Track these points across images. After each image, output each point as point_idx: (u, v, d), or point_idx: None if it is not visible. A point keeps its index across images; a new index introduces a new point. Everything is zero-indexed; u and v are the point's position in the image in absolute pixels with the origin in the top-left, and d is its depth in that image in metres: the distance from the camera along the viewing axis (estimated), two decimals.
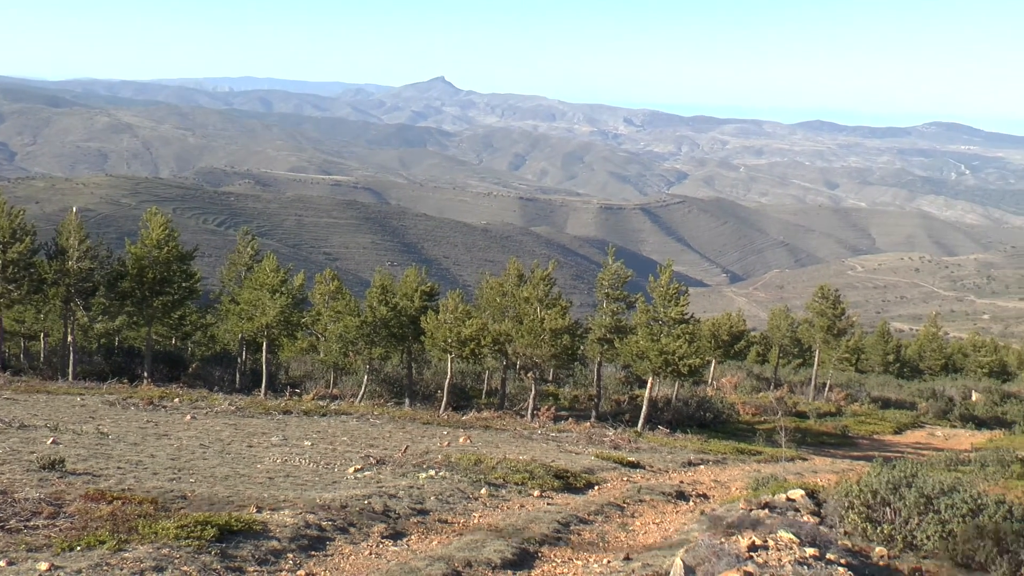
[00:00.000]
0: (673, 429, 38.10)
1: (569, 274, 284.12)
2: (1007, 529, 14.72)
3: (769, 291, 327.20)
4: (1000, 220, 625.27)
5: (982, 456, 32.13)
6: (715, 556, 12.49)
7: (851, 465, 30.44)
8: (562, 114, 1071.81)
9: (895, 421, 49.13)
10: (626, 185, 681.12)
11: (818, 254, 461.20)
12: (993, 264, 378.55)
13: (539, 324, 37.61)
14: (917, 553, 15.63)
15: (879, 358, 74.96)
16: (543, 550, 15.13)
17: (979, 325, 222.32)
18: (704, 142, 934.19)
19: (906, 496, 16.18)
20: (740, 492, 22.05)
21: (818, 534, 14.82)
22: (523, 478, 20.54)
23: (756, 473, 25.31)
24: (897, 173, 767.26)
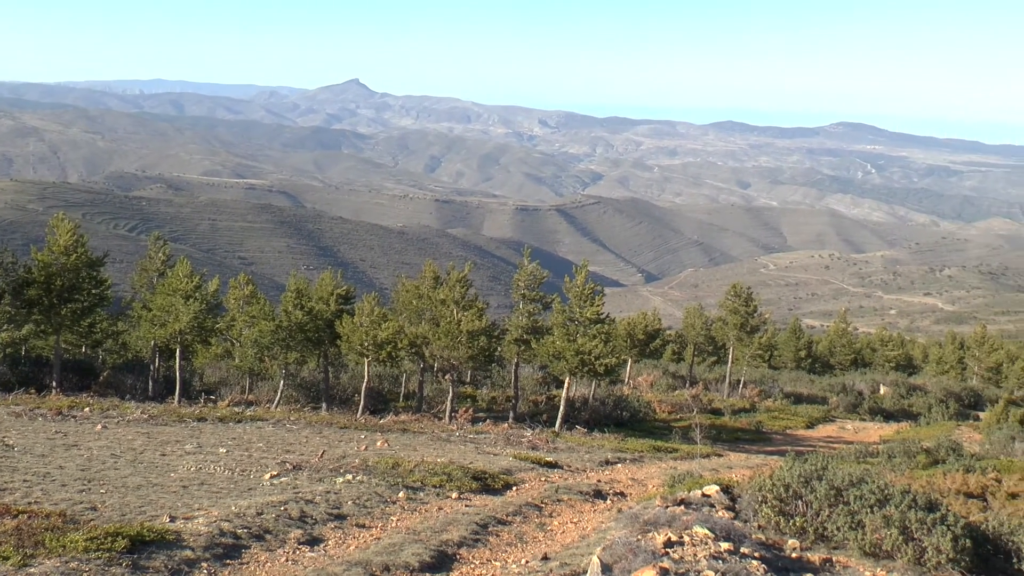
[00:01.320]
0: (591, 428, 38.27)
1: (486, 275, 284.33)
2: (912, 518, 15.04)
3: (684, 290, 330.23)
4: (905, 217, 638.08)
5: (889, 448, 32.76)
6: (631, 553, 12.59)
7: (765, 460, 30.84)
8: (477, 116, 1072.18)
9: (807, 416, 49.88)
10: (542, 186, 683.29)
11: (732, 253, 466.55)
12: (899, 260, 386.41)
13: (456, 326, 37.59)
14: (828, 544, 15.90)
15: (791, 354, 76.02)
16: (461, 552, 15.14)
17: (886, 320, 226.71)
18: (618, 143, 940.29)
19: (817, 489, 16.44)
20: (657, 489, 22.22)
21: (733, 529, 15.00)
22: (441, 480, 20.52)
23: (672, 470, 25.52)
24: (807, 172, 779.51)
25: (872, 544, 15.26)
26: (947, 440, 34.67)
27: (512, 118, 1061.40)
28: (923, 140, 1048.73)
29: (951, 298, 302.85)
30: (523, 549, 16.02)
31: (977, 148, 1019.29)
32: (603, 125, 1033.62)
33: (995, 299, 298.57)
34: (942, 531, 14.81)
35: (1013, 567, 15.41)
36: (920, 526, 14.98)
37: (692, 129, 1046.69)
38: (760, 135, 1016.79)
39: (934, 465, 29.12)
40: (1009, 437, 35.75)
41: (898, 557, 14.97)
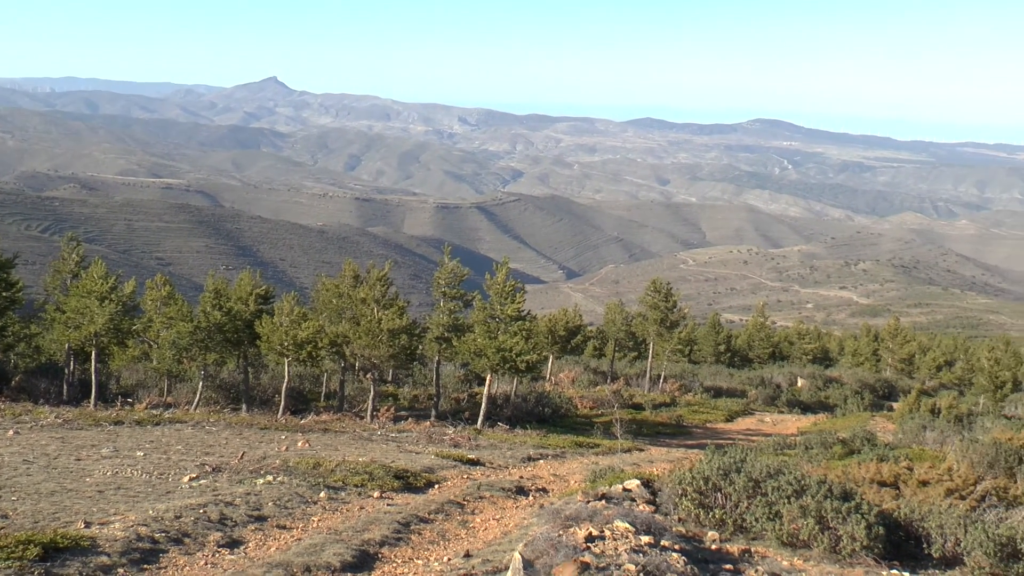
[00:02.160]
0: (513, 425, 38.37)
1: (407, 274, 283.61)
2: (828, 507, 15.31)
3: (605, 286, 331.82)
4: (821, 212, 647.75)
5: (806, 439, 33.29)
6: (553, 549, 12.65)
7: (685, 454, 31.10)
8: (397, 114, 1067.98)
9: (727, 409, 50.44)
10: (462, 184, 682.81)
11: (652, 249, 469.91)
12: (815, 255, 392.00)
13: (376, 325, 37.47)
14: (747, 535, 16.12)
15: (711, 348, 76.81)
16: (383, 551, 15.12)
17: (803, 314, 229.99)
18: (538, 140, 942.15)
19: (736, 481, 16.66)
20: (579, 485, 22.35)
21: (653, 522, 15.13)
22: (363, 480, 20.46)
23: (594, 465, 25.67)
24: (725, 169, 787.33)
25: (789, 534, 15.51)
26: (862, 431, 35.32)
27: (432, 116, 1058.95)
28: (838, 137, 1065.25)
29: (866, 291, 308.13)
30: (445, 547, 16.04)
31: (889, 144, 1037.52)
32: (523, 123, 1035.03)
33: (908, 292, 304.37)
34: (856, 519, 15.09)
35: (924, 552, 15.74)
36: (835, 515, 15.26)
37: (611, 126, 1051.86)
38: (679, 132, 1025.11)
39: (850, 455, 29.63)
40: (921, 426, 36.47)
41: (814, 546, 15.23)
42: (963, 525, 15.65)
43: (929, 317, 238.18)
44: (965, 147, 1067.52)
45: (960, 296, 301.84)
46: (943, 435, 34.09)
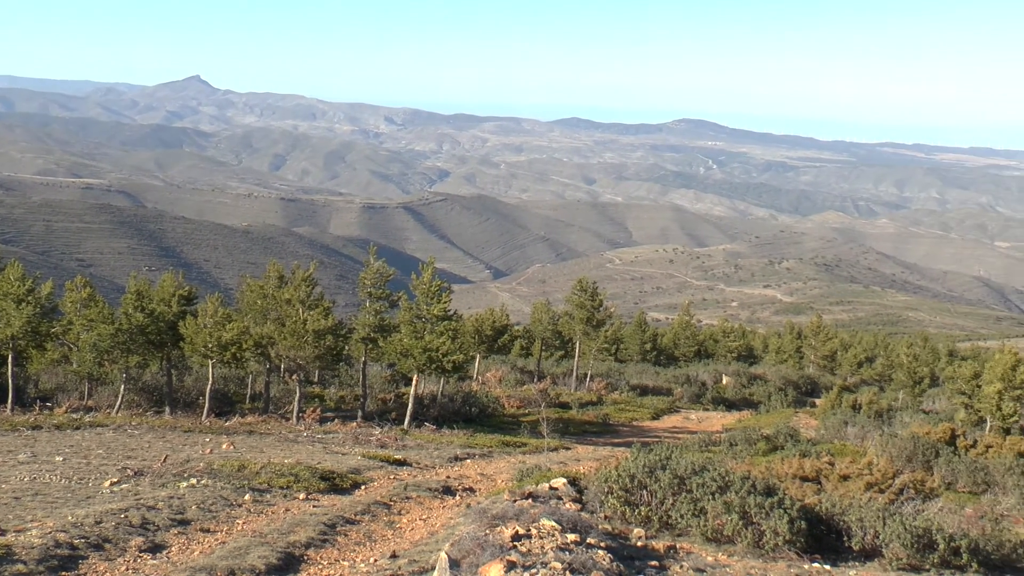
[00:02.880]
0: (440, 425, 38.33)
1: (333, 274, 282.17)
2: (751, 503, 15.48)
3: (532, 285, 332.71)
4: (745, 211, 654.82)
5: (731, 436, 33.67)
6: (479, 548, 12.66)
7: (612, 452, 31.28)
8: (322, 113, 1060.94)
9: (653, 407, 50.75)
10: (389, 184, 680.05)
11: (578, 248, 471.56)
12: (740, 254, 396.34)
13: (302, 326, 37.22)
14: (672, 531, 16.26)
15: (637, 347, 77.25)
16: (309, 553, 15.05)
17: (728, 312, 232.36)
18: (465, 140, 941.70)
19: (661, 478, 16.79)
20: (506, 484, 22.39)
21: (579, 520, 15.20)
22: (288, 481, 20.34)
23: (521, 464, 25.74)
24: (650, 168, 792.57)
25: (714, 530, 15.66)
26: (785, 427, 35.78)
27: (358, 115, 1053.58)
28: (761, 137, 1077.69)
29: (789, 289, 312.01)
30: (372, 548, 16.00)
31: (812, 144, 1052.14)
32: (449, 122, 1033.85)
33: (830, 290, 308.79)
34: (779, 514, 15.28)
35: (844, 545, 15.99)
36: (759, 510, 15.43)
37: (538, 126, 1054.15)
38: (605, 132, 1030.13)
39: (773, 451, 30.01)
40: (842, 422, 37.03)
41: (738, 541, 15.40)
42: (882, 518, 15.91)
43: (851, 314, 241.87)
44: (884, 147, 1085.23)
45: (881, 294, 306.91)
46: (864, 430, 34.66)
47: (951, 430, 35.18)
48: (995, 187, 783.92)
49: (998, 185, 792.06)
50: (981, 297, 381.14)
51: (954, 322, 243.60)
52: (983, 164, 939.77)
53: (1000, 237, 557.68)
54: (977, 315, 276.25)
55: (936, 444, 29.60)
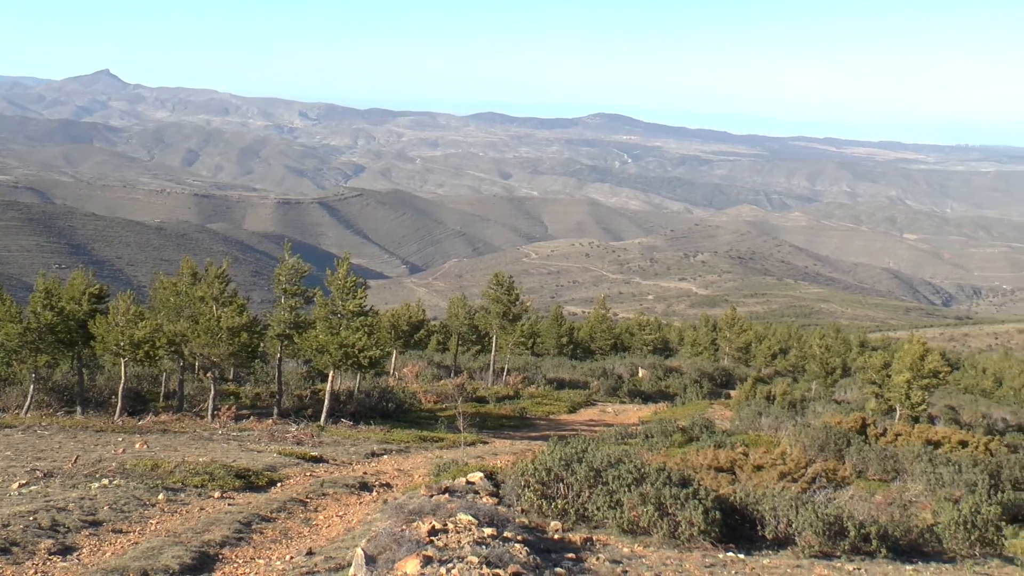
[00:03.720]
0: (356, 421, 38.15)
1: (248, 271, 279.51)
2: (667, 494, 15.63)
3: (448, 280, 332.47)
4: (660, 205, 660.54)
5: (647, 428, 33.92)
6: (396, 543, 12.64)
7: (529, 445, 31.40)
8: (236, 108, 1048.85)
9: (570, 401, 50.94)
10: (304, 179, 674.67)
11: (495, 243, 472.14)
12: (655, 247, 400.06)
13: (216, 323, 36.81)
14: (589, 524, 16.36)
15: (553, 341, 77.52)
16: (224, 552, 14.91)
17: (644, 305, 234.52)
18: (380, 135, 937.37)
19: (577, 471, 16.88)
20: (423, 479, 22.38)
21: (496, 514, 15.23)
22: (203, 480, 20.12)
23: (438, 459, 25.73)
24: (566, 163, 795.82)
25: (630, 521, 15.78)
26: (701, 418, 36.15)
27: (272, 110, 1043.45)
28: (676, 131, 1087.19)
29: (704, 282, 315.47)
30: (288, 545, 15.91)
31: (725, 138, 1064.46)
32: (364, 117, 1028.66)
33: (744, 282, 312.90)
34: (694, 505, 15.45)
35: (758, 533, 16.21)
36: (674, 501, 15.59)
37: (453, 120, 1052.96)
38: (520, 126, 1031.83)
39: (689, 443, 30.30)
40: (757, 413, 37.50)
41: (654, 532, 15.54)
42: (794, 507, 16.16)
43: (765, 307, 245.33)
44: (797, 141, 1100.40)
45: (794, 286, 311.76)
46: (777, 421, 35.12)
47: (862, 419, 35.81)
48: (904, 180, 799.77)
49: (907, 178, 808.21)
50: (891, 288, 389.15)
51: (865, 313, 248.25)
52: (892, 158, 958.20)
53: (909, 229, 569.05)
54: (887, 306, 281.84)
55: (847, 433, 30.11)
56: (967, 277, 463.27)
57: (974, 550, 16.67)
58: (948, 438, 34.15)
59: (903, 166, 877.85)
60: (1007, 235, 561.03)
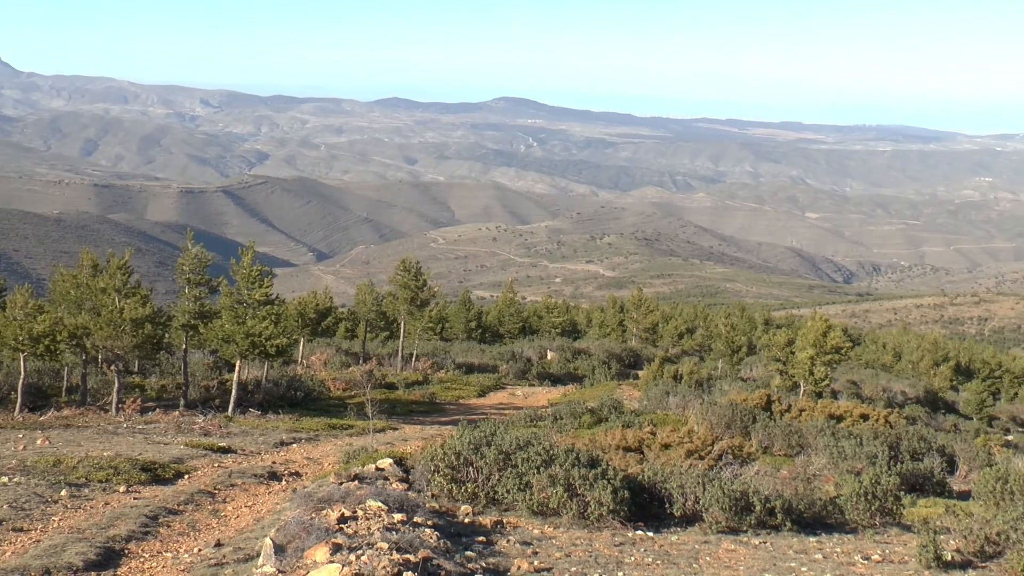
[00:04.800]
0: (265, 411, 37.85)
1: (152, 261, 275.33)
2: (575, 475, 15.76)
3: (356, 267, 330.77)
4: (566, 188, 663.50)
5: (556, 410, 34.13)
6: (305, 532, 12.60)
7: (439, 430, 31.42)
8: (135, 96, 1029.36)
9: (479, 385, 51.02)
10: (207, 167, 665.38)
11: (402, 228, 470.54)
12: (562, 230, 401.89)
13: (118, 315, 36.22)
14: (500, 507, 16.44)
15: (462, 325, 77.51)
16: (130, 546, 14.71)
17: (552, 288, 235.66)
18: (284, 122, 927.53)
19: (487, 455, 16.95)
20: (332, 467, 22.30)
21: (406, 499, 15.25)
22: (107, 475, 19.80)
23: (348, 447, 25.64)
24: (472, 147, 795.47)
25: (540, 503, 15.89)
26: (609, 399, 36.42)
27: (172, 98, 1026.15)
28: (580, 114, 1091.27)
29: (611, 264, 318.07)
30: (196, 537, 15.76)
31: (630, 121, 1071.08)
32: (267, 104, 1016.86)
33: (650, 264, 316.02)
34: (603, 485, 15.59)
35: (667, 512, 16.42)
36: (583, 482, 15.72)
37: (358, 106, 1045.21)
38: (425, 111, 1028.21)
39: (598, 424, 30.53)
40: (664, 392, 37.90)
41: (564, 513, 15.66)
42: (702, 484, 16.41)
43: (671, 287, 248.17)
44: (700, 123, 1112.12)
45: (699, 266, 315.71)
46: (685, 399, 35.51)
47: (767, 396, 36.42)
48: (805, 160, 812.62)
49: (807, 159, 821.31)
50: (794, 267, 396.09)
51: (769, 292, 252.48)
52: (793, 138, 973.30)
53: (810, 209, 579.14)
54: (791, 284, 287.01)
55: (753, 410, 30.57)
56: (867, 254, 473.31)
57: (875, 520, 17.07)
58: (850, 412, 34.91)
59: (804, 146, 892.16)
60: (903, 213, 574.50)
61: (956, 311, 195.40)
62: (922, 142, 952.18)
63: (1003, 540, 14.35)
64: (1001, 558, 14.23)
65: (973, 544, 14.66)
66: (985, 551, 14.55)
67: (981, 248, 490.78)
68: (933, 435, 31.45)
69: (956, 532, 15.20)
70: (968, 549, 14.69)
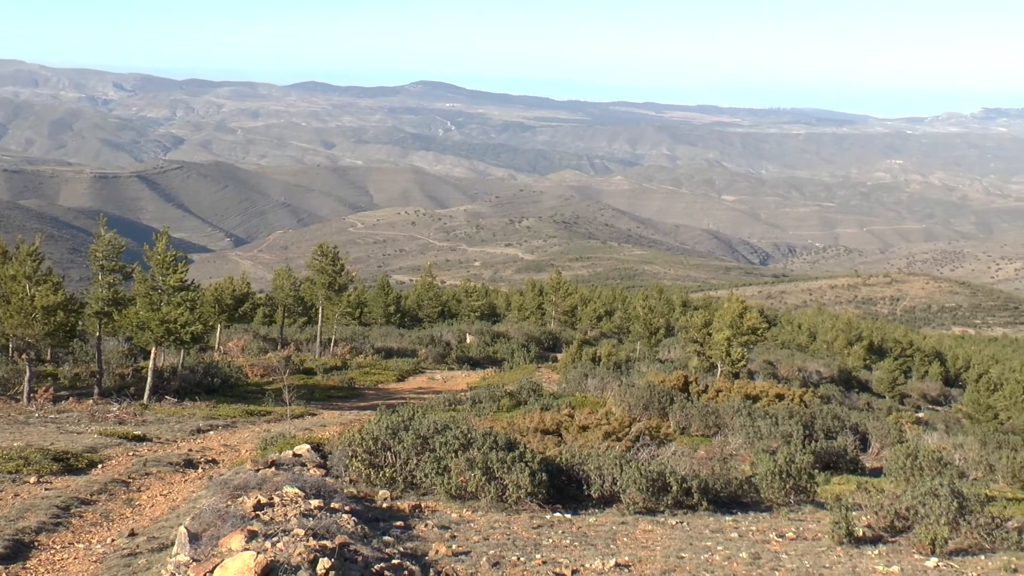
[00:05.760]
0: (181, 398, 37.43)
1: (65, 248, 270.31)
2: (493, 458, 15.79)
3: (274, 252, 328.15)
4: (484, 172, 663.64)
5: (475, 394, 34.17)
6: (220, 520, 12.49)
7: (358, 416, 31.29)
8: (45, 80, 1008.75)
9: (398, 369, 50.88)
10: (121, 152, 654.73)
11: (320, 213, 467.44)
12: (481, 214, 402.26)
13: (29, 303, 35.57)
14: (418, 491, 16.44)
15: (381, 310, 77.22)
16: (40, 538, 14.47)
17: (471, 272, 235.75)
18: (199, 106, 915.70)
19: (405, 439, 16.93)
20: (250, 453, 22.15)
21: (324, 485, 15.19)
22: (17, 465, 19.43)
23: (266, 433, 25.47)
24: (390, 131, 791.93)
25: (458, 487, 15.91)
26: (529, 382, 36.56)
27: (85, 81, 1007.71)
28: (499, 97, 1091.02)
29: (530, 247, 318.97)
30: (109, 527, 15.55)
31: (548, 104, 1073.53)
32: (182, 88, 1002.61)
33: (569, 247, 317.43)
34: (521, 468, 15.64)
35: (585, 493, 16.52)
36: (501, 465, 15.76)
37: (274, 90, 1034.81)
38: (343, 95, 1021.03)
39: (517, 407, 30.63)
40: (583, 375, 38.11)
41: (482, 496, 15.70)
42: (619, 465, 16.54)
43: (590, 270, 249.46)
44: (617, 106, 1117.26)
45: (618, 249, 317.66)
46: (603, 382, 35.73)
47: (684, 377, 36.80)
48: (721, 143, 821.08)
49: (723, 141, 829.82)
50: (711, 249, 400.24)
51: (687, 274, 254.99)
52: (709, 121, 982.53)
53: (727, 191, 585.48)
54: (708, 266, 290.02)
55: (671, 391, 30.85)
56: (782, 236, 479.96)
57: (789, 498, 17.36)
58: (766, 392, 35.41)
59: (720, 129, 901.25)
60: (818, 195, 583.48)
61: (869, 291, 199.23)
62: (835, 125, 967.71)
63: (912, 515, 14.67)
64: (910, 532, 14.56)
65: (884, 519, 14.96)
66: (895, 526, 14.86)
67: (893, 229, 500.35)
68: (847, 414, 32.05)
69: (867, 508, 15.50)
70: (879, 524, 14.98)
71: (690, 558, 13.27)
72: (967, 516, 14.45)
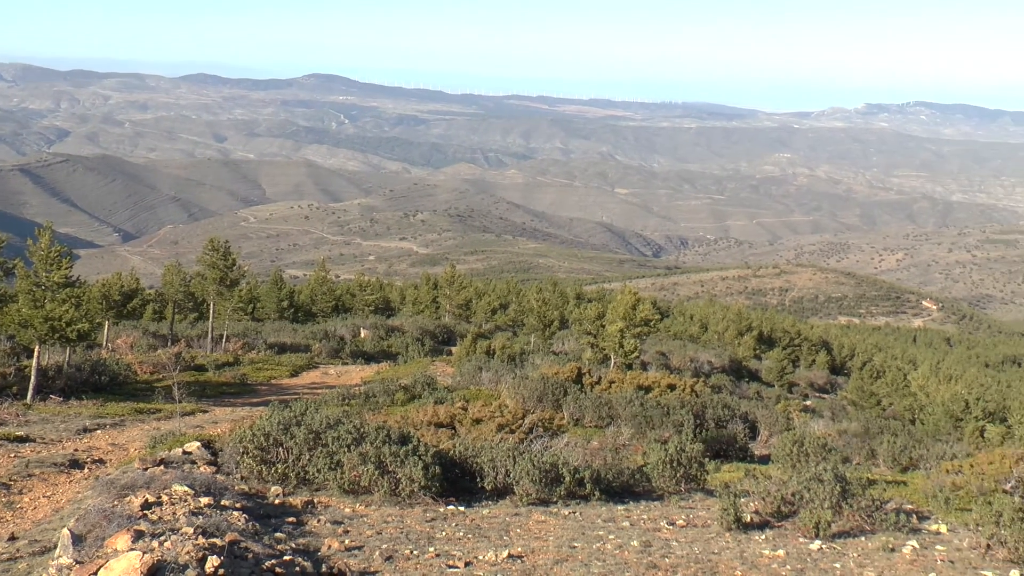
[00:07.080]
0: (67, 397, 36.60)
1: None
2: (386, 452, 15.74)
3: (164, 247, 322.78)
4: (378, 166, 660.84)
5: (369, 388, 33.99)
6: (106, 520, 12.25)
7: (250, 412, 30.92)
8: None
9: (291, 365, 50.40)
10: (1, 145, 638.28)
11: (211, 207, 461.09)
12: (375, 208, 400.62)
13: None
14: (311, 487, 16.33)
15: (274, 305, 76.47)
16: None
17: (366, 266, 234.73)
18: (85, 97, 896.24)
19: (296, 434, 16.79)
20: (138, 452, 21.74)
21: (214, 483, 15.00)
22: None
23: (155, 431, 25.04)
24: (282, 124, 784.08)
25: (351, 481, 15.86)
26: (423, 376, 36.47)
27: None
28: (392, 91, 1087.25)
29: (425, 241, 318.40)
30: None
31: (441, 98, 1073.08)
32: (67, 79, 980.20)
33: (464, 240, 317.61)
34: (414, 462, 15.62)
35: (479, 486, 16.56)
36: (394, 459, 15.72)
37: (163, 82, 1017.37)
38: (234, 87, 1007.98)
39: (411, 401, 30.55)
40: (477, 368, 38.14)
41: (375, 491, 15.65)
42: (512, 457, 16.59)
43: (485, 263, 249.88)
44: (511, 100, 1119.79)
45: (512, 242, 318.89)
46: (498, 374, 35.79)
47: (578, 369, 37.03)
48: (614, 137, 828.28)
49: (616, 135, 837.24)
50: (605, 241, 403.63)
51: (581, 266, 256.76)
52: (603, 115, 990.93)
53: (620, 184, 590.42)
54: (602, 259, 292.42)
55: (564, 383, 31.04)
56: (675, 228, 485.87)
57: (680, 486, 17.60)
58: (658, 383, 35.79)
59: (613, 123, 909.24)
60: (709, 188, 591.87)
61: (759, 283, 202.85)
62: (725, 119, 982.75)
63: (798, 500, 14.99)
64: (795, 517, 14.87)
65: (770, 505, 15.27)
66: (781, 511, 15.18)
67: (781, 222, 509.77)
68: (737, 403, 32.57)
69: (755, 494, 15.81)
70: (766, 510, 15.28)
71: (582, 547, 13.36)
72: (849, 500, 14.84)
